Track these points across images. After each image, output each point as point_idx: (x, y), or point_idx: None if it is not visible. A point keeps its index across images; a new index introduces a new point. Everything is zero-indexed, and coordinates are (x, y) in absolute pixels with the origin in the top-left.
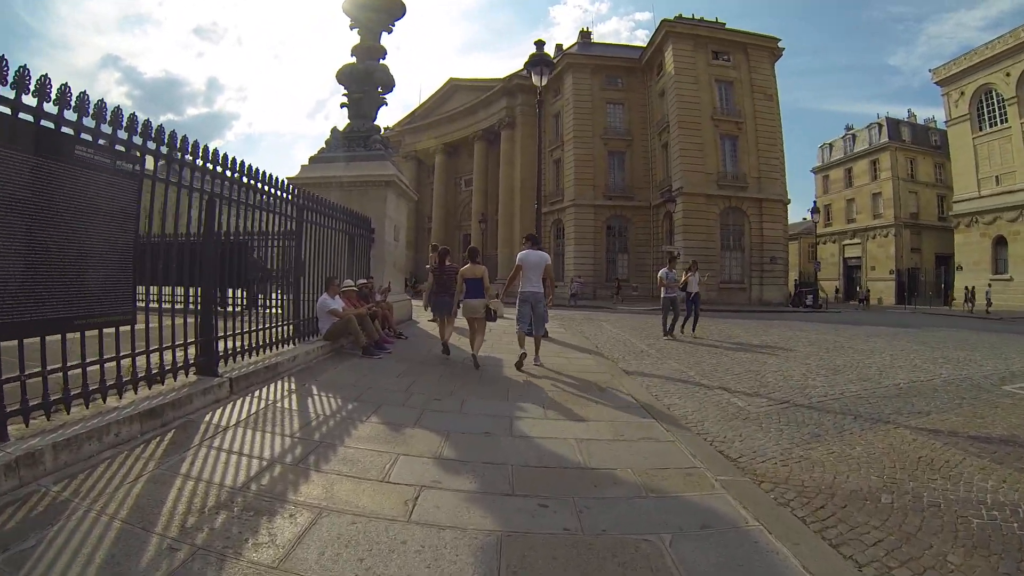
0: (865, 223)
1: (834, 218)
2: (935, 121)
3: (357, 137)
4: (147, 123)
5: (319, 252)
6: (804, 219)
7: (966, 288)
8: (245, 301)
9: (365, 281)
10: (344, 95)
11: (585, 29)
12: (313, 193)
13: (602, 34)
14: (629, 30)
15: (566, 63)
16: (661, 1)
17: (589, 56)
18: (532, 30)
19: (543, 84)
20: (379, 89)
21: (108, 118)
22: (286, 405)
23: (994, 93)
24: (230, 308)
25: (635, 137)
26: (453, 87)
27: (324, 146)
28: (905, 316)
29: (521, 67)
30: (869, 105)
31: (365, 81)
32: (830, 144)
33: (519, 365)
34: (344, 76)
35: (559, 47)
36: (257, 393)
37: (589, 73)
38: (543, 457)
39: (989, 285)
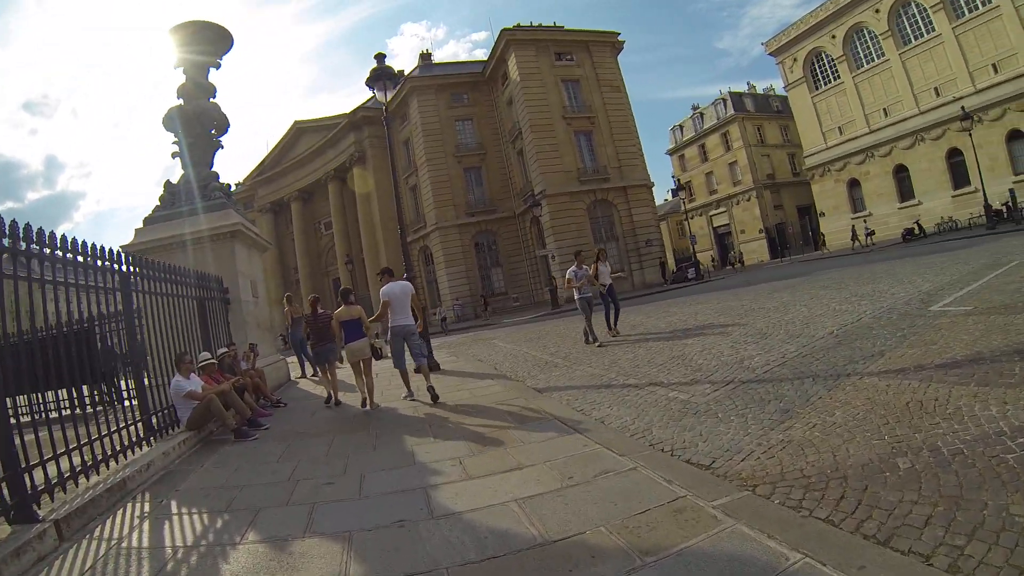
0: (727, 191)
1: (697, 192)
2: (773, 88)
3: (193, 188)
4: None
5: (164, 326)
6: (666, 200)
7: (853, 228)
8: (108, 397)
9: (226, 350)
10: (174, 142)
11: (425, 51)
12: (151, 259)
13: (442, 58)
14: (468, 51)
15: (410, 87)
16: (496, 18)
17: (432, 76)
18: (370, 65)
19: (388, 99)
20: (212, 132)
21: None
22: (135, 542)
23: (823, 55)
24: (69, 411)
25: (488, 150)
26: (298, 131)
27: (158, 203)
28: (787, 268)
29: (365, 100)
30: (708, 88)
31: (195, 123)
32: (680, 125)
33: (414, 395)
34: (171, 121)
35: (400, 73)
36: (98, 532)
37: (434, 93)
38: (484, 542)
39: (865, 223)
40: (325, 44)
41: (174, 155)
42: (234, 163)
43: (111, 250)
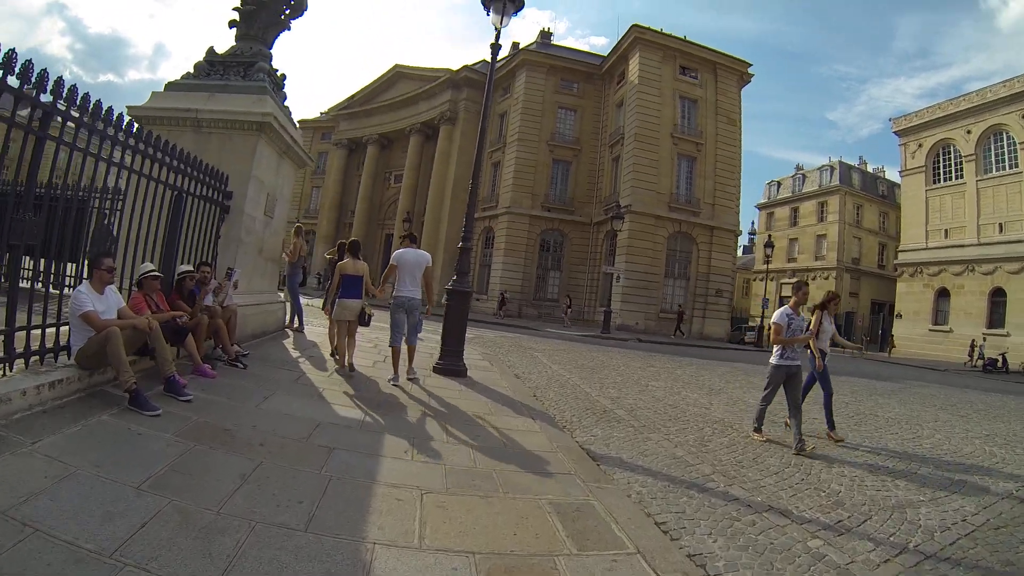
0: (806, 263)
1: (774, 255)
2: (883, 171)
3: (237, 64)
4: None
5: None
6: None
7: (972, 342)
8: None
9: (190, 269)
10: (234, 8)
11: (546, 28)
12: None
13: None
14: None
15: (521, 59)
16: (622, 26)
17: (547, 55)
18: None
19: (504, 25)
20: (283, 5)
21: None
22: None
23: (952, 148)
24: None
25: (584, 147)
26: (397, 74)
27: (191, 71)
28: (857, 363)
29: (475, 62)
30: (805, 155)
31: None
32: (778, 182)
33: (394, 382)
34: None
35: (515, 45)
36: None
37: (545, 73)
38: None
39: (983, 339)
40: (448, 6)
41: (231, 23)
42: (321, 94)
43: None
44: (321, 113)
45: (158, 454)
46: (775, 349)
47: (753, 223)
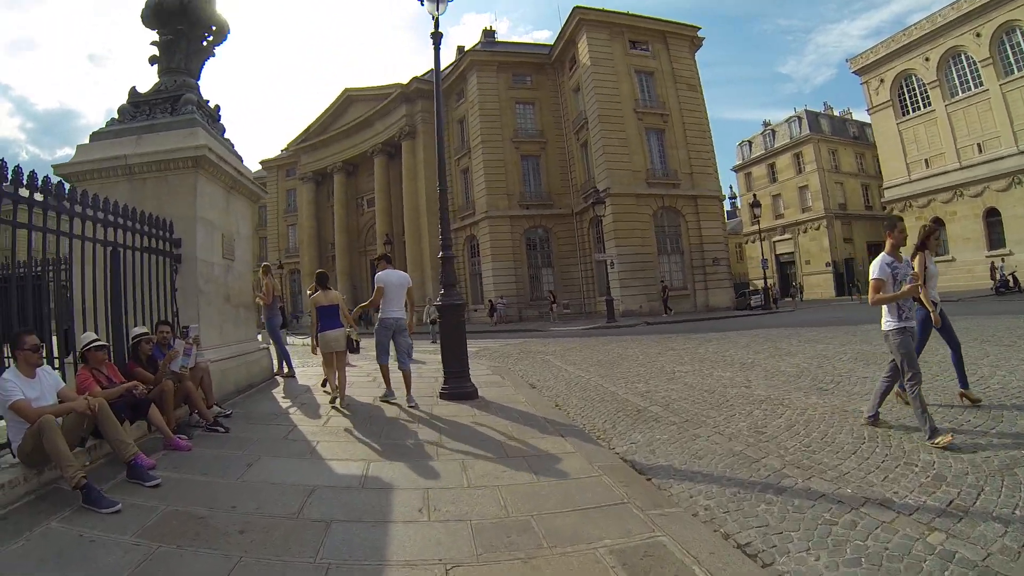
0: (794, 217)
1: (760, 214)
2: (850, 112)
3: (163, 100)
4: None
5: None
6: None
7: (992, 264)
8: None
9: (144, 331)
10: (152, 42)
11: (489, 27)
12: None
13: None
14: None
15: (469, 61)
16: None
17: (494, 53)
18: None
19: (441, 12)
20: (203, 32)
21: None
22: None
23: (914, 78)
24: None
25: (549, 139)
26: (348, 99)
27: (116, 116)
28: (863, 309)
29: (423, 72)
30: (766, 112)
31: (178, 17)
32: (749, 141)
33: (395, 396)
34: (150, 13)
35: (460, 48)
36: None
37: (495, 71)
38: None
39: (1003, 261)
40: (389, 28)
41: (151, 60)
42: (284, 131)
43: None
44: (281, 150)
45: (113, 567)
46: (886, 312)
47: (731, 187)
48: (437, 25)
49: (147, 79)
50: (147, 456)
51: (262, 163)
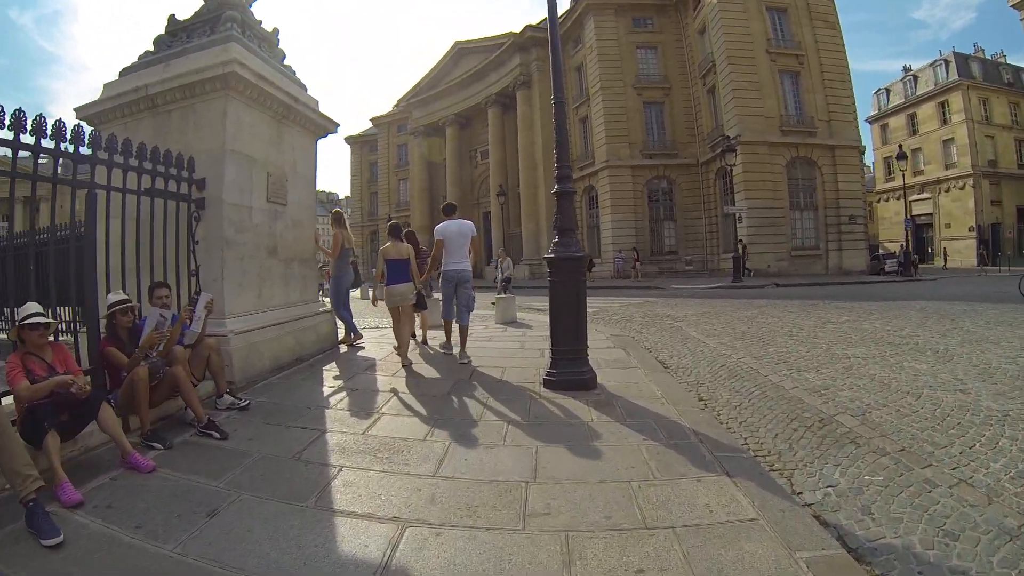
0: (936, 174)
1: (896, 172)
2: (1004, 56)
3: (203, 23)
4: None
5: None
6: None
7: None
8: None
9: (124, 299)
10: None
11: None
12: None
13: None
14: None
15: (585, 5)
16: None
17: None
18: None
19: None
20: None
21: None
22: None
23: None
24: None
25: (674, 85)
26: (459, 52)
27: (151, 47)
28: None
29: (538, 21)
30: (894, 61)
31: None
32: (887, 89)
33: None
34: None
35: None
36: None
37: (613, 14)
38: None
39: None
40: None
41: None
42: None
43: None
44: (393, 106)
45: None
46: None
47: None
48: None
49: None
50: (75, 486)
51: (372, 120)
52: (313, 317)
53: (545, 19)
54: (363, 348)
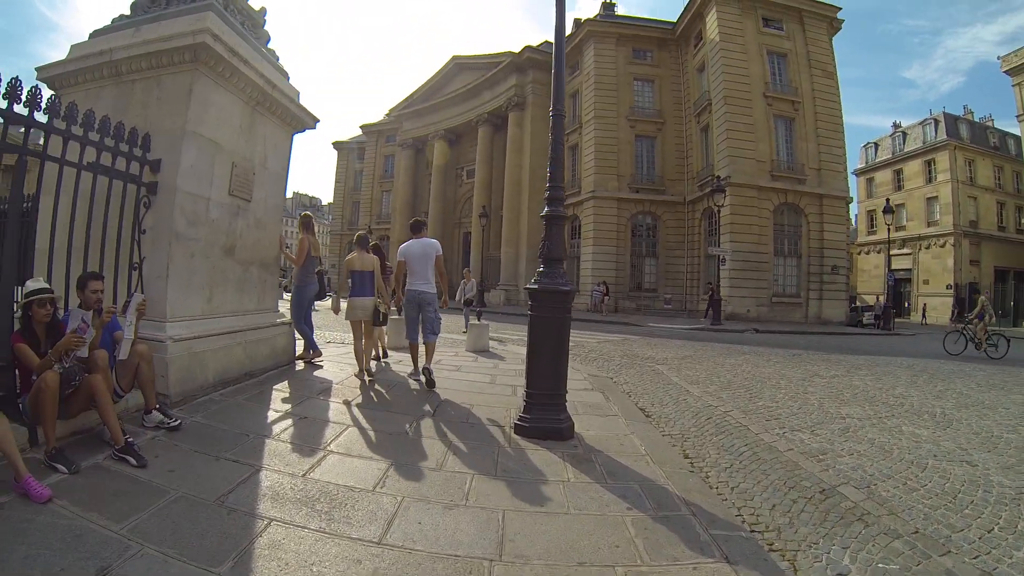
0: (917, 231)
1: (879, 225)
2: (991, 120)
3: None
4: None
5: None
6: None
7: None
8: None
9: (41, 287)
10: None
11: (608, 0)
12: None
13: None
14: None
15: (587, 31)
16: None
17: (613, 24)
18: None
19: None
20: None
21: None
22: None
23: None
24: None
25: (667, 120)
26: (456, 66)
27: (127, 11)
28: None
29: (539, 43)
30: (883, 117)
31: None
32: (875, 143)
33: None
34: None
35: (577, 21)
36: None
37: (614, 44)
38: None
39: None
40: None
41: None
42: (387, 100)
43: None
44: (384, 115)
45: None
46: None
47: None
48: None
49: None
50: None
51: (362, 127)
52: (269, 328)
53: (545, 42)
54: (321, 367)
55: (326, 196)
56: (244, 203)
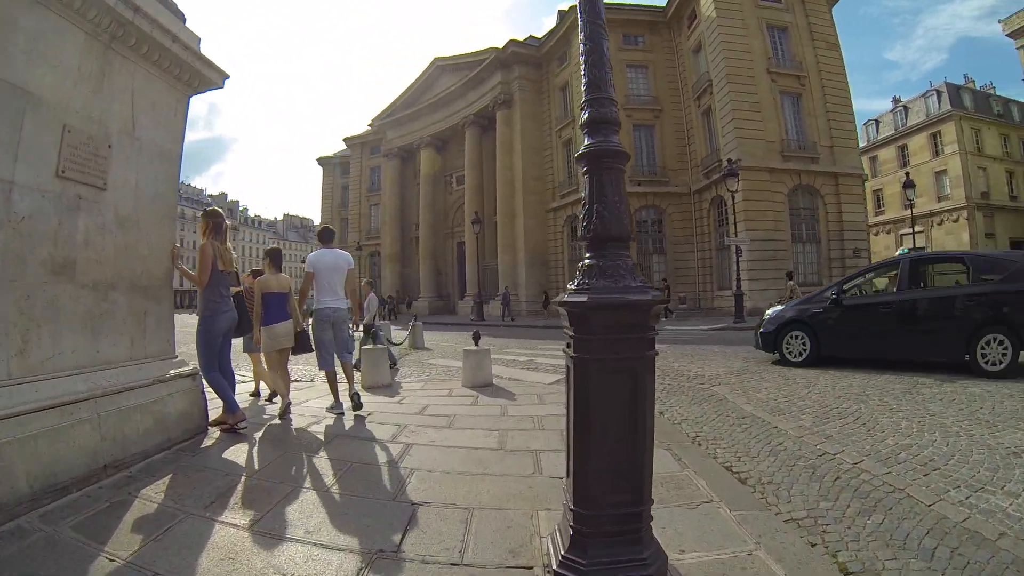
0: (928, 207)
1: (887, 204)
2: (993, 87)
3: None
4: None
5: None
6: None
7: None
8: None
9: None
10: None
11: None
12: None
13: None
14: None
15: (573, 19)
16: None
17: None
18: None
19: None
20: None
21: None
22: None
23: None
24: None
25: (665, 108)
26: (438, 69)
27: None
28: None
29: (524, 38)
30: (868, 102)
31: None
32: (876, 120)
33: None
34: None
35: (561, 12)
36: None
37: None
38: None
39: None
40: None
41: None
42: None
43: None
44: (367, 125)
45: None
46: None
47: None
48: None
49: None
50: None
51: (345, 140)
52: (153, 387)
53: (530, 36)
54: (244, 434)
55: (318, 216)
56: (92, 191)
